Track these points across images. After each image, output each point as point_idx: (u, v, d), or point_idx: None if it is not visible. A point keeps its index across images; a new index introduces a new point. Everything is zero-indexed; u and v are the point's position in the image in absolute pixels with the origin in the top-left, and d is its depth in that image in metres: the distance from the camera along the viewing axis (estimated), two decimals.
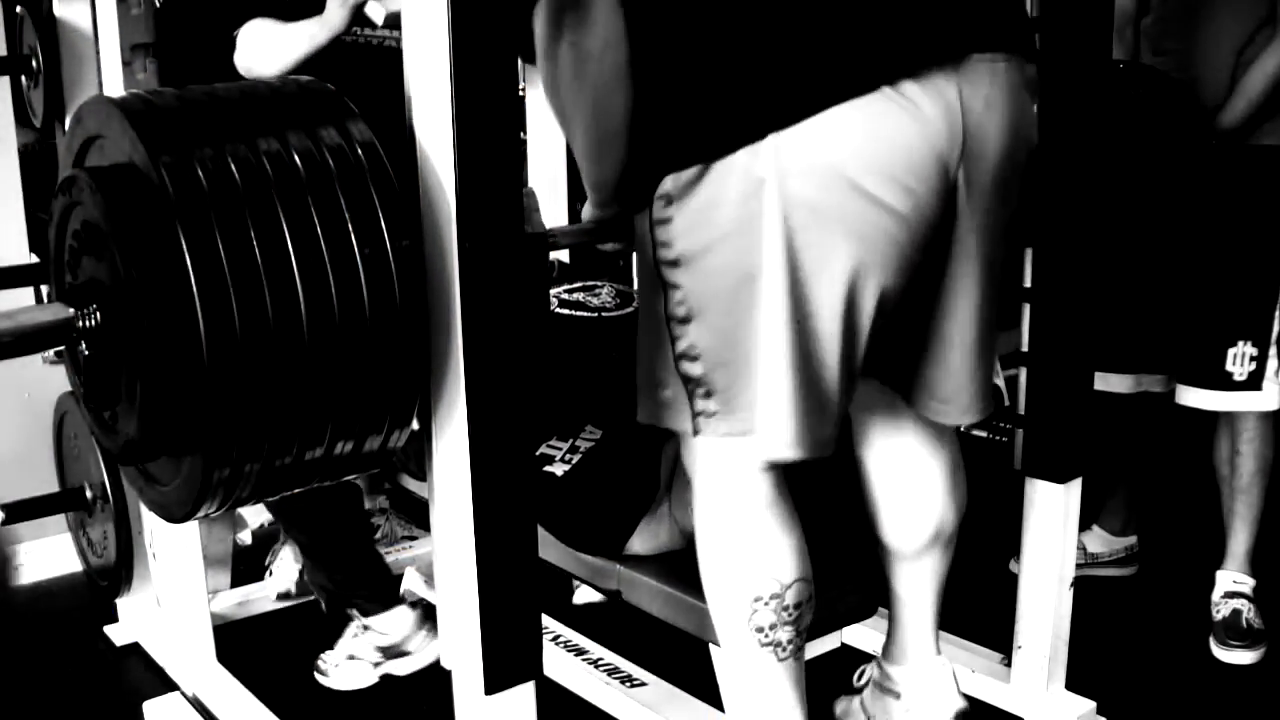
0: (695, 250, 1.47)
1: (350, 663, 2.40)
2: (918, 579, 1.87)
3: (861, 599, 1.91)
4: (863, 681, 2.01)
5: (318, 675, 2.42)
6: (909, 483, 1.82)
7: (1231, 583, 2.46)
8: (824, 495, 1.76)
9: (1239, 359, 2.38)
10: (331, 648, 2.43)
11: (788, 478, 1.62)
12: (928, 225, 1.47)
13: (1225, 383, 2.40)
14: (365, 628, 2.39)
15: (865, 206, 1.41)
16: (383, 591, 2.41)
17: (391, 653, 2.40)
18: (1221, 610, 2.44)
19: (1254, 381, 2.39)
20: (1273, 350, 2.39)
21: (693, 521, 1.87)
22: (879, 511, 1.86)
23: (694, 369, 1.52)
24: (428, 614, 2.42)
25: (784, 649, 1.62)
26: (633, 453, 1.98)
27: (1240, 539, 2.47)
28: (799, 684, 1.66)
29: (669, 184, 1.47)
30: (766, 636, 1.61)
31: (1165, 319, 2.46)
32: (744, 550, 1.61)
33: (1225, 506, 2.49)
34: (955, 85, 1.43)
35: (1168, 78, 2.33)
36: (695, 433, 1.54)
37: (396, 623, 2.39)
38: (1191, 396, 2.45)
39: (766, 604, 1.60)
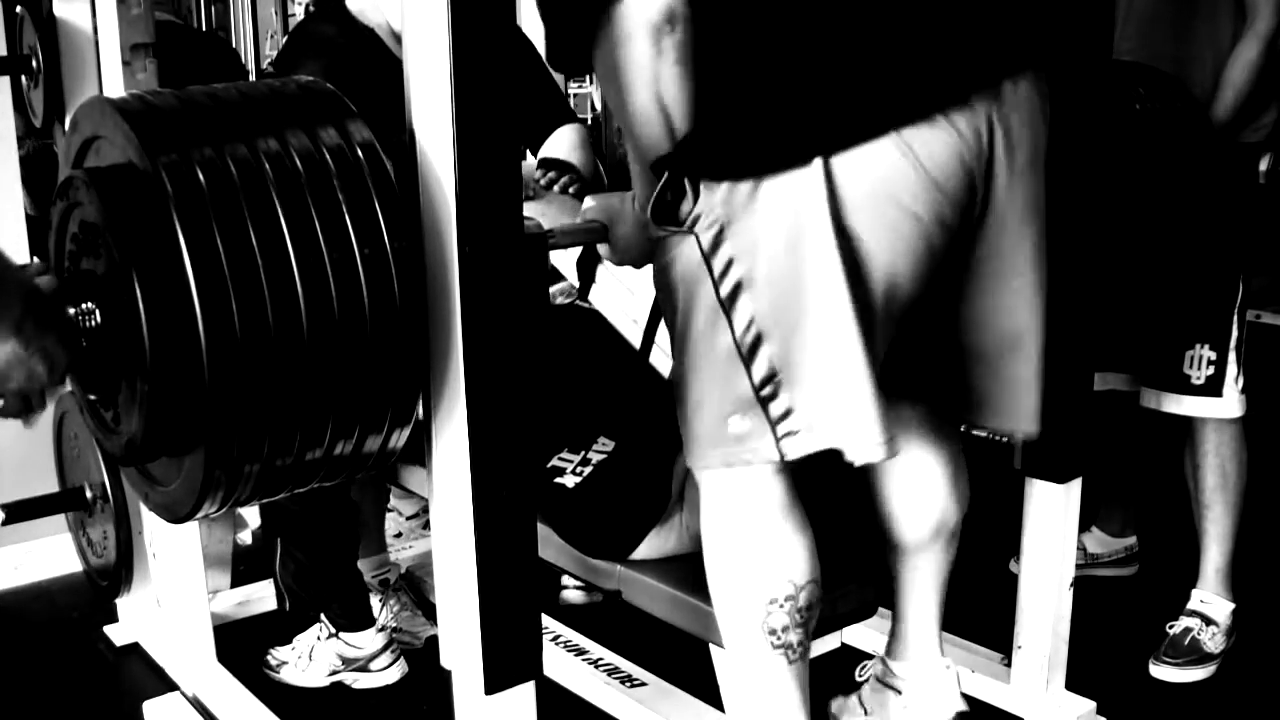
0: (757, 271, 1.46)
1: (301, 661, 2.41)
2: (921, 575, 1.88)
3: (862, 599, 1.91)
4: (864, 675, 2.01)
5: (267, 670, 2.41)
6: (912, 476, 1.83)
7: (1199, 602, 2.42)
8: (823, 496, 1.75)
9: (1197, 362, 2.34)
10: (285, 643, 2.44)
11: (797, 477, 1.62)
12: (950, 235, 1.53)
13: (1184, 386, 2.35)
14: (333, 635, 2.39)
15: (909, 221, 1.48)
16: (359, 612, 2.42)
17: (353, 665, 2.40)
18: (1174, 627, 2.40)
19: (1213, 387, 2.34)
20: (1232, 355, 2.34)
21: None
22: (884, 505, 1.87)
23: (776, 391, 1.50)
24: (395, 642, 2.45)
25: (794, 651, 1.62)
26: (645, 465, 1.98)
27: (1209, 557, 2.42)
28: (804, 687, 1.66)
29: (720, 210, 1.46)
30: (779, 639, 1.61)
31: (1127, 316, 2.41)
32: (759, 552, 1.61)
33: (1195, 521, 2.44)
34: (989, 106, 1.50)
35: (1170, 77, 2.33)
36: (781, 456, 1.52)
37: (368, 642, 2.40)
38: (1152, 398, 2.41)
39: (781, 606, 1.60)
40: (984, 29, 1.53)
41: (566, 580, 2.36)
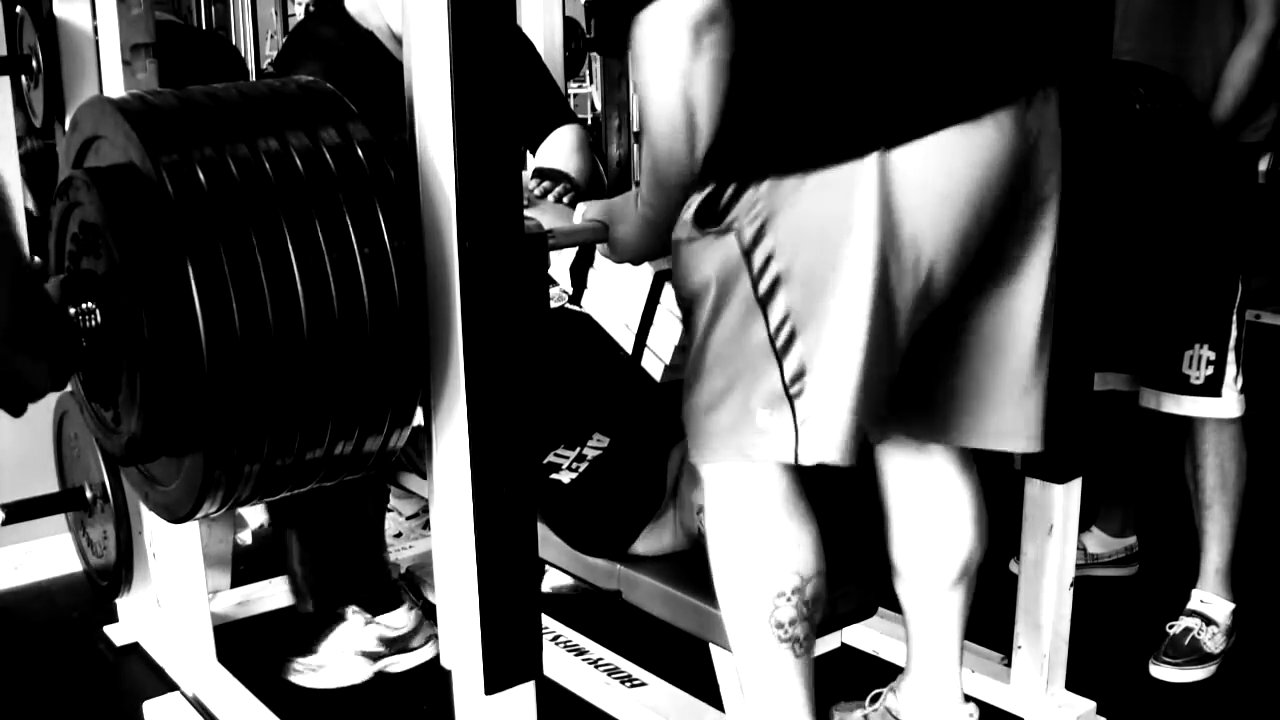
0: (796, 266, 1.46)
1: (341, 658, 2.40)
2: (943, 617, 1.85)
3: (862, 599, 1.91)
4: (874, 705, 1.98)
5: (294, 677, 2.40)
6: (940, 513, 1.82)
7: (1199, 602, 2.42)
8: (823, 495, 1.75)
9: (1196, 362, 2.34)
10: (312, 651, 2.43)
11: (802, 475, 1.62)
12: (984, 236, 1.54)
13: (1183, 386, 2.35)
14: (368, 621, 2.40)
15: (954, 219, 1.48)
16: (389, 591, 2.45)
17: (396, 646, 2.42)
18: (1174, 627, 2.41)
19: (1212, 387, 2.34)
20: (1231, 355, 2.34)
21: (699, 522, 1.87)
22: (908, 545, 1.84)
23: (804, 389, 1.49)
24: (426, 615, 2.44)
25: (801, 645, 1.62)
26: (639, 460, 1.98)
27: (1210, 557, 2.42)
28: (810, 683, 1.66)
29: (763, 205, 1.45)
30: (786, 632, 1.61)
31: (1126, 315, 2.41)
32: (766, 546, 1.60)
33: (1195, 521, 2.44)
34: (1025, 111, 1.52)
35: (1170, 77, 2.33)
36: (796, 457, 1.51)
37: (403, 620, 2.43)
38: (1152, 398, 2.41)
39: (789, 599, 1.60)
40: (1025, 37, 1.55)
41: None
